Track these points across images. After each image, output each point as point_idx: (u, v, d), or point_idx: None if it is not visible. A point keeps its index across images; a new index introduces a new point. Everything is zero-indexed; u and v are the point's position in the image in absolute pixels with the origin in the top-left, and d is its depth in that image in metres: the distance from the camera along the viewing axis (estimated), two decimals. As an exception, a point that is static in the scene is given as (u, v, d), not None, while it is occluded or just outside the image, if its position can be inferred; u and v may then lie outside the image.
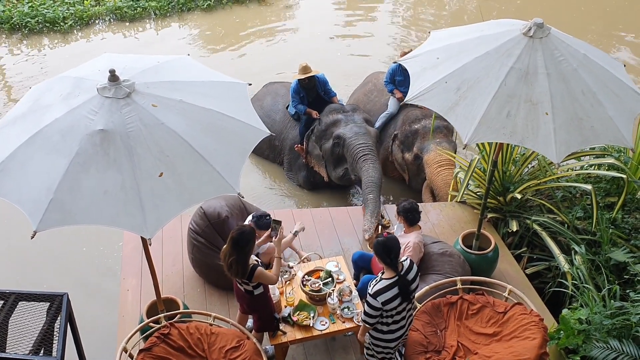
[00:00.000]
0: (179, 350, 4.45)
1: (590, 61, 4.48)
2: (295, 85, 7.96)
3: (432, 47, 4.90)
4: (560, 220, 6.17)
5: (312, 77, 7.88)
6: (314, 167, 8.21)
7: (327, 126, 7.81)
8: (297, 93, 8.00)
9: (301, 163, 8.41)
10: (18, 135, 3.72)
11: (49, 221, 3.46)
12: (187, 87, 4.09)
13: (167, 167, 3.66)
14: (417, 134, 7.75)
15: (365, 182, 7.14)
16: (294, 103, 8.09)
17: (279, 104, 8.77)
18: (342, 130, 7.64)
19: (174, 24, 13.11)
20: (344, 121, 7.73)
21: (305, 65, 7.79)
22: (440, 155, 7.45)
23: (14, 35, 12.47)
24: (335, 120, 7.78)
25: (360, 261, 5.68)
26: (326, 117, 7.85)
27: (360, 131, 7.59)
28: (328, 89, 8.14)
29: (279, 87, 9.12)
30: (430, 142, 7.59)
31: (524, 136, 4.26)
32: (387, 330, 4.20)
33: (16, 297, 4.64)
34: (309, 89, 8.00)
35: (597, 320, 4.90)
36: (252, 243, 4.37)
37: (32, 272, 6.95)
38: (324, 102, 8.09)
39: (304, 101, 8.05)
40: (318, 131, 7.93)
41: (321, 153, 7.96)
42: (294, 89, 7.99)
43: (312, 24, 13.22)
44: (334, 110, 7.88)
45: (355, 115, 7.82)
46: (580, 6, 13.58)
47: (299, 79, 7.87)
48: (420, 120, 7.79)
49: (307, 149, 8.18)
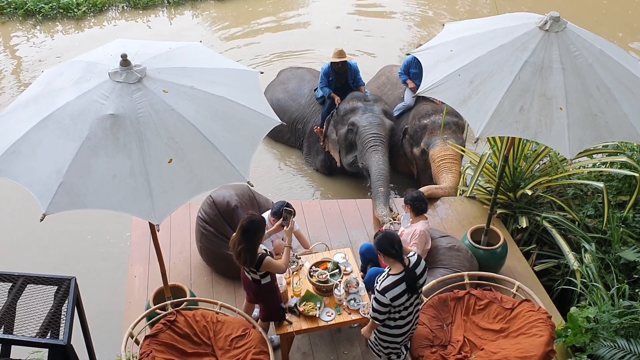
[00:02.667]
0: (184, 337, 4.46)
1: (606, 57, 4.42)
2: (327, 67, 8.01)
3: (446, 39, 4.85)
4: (571, 218, 6.12)
5: (344, 63, 7.91)
6: (329, 151, 8.26)
7: (345, 112, 7.86)
8: (327, 76, 8.05)
9: (320, 147, 8.46)
10: (29, 119, 3.72)
11: (58, 204, 3.46)
12: (198, 74, 4.08)
13: (176, 153, 3.65)
14: (425, 129, 7.71)
15: (375, 174, 7.14)
16: (321, 85, 8.15)
17: (304, 88, 8.85)
18: (358, 118, 7.68)
19: (187, 12, 13.12)
20: (362, 109, 7.76)
21: (340, 50, 7.83)
22: (445, 151, 7.41)
23: (28, 21, 12.51)
24: (354, 107, 7.82)
25: (367, 253, 5.66)
26: (346, 104, 7.90)
27: (374, 121, 7.62)
28: (358, 77, 8.19)
29: (304, 72, 9.22)
30: (437, 138, 7.56)
31: (537, 131, 4.22)
32: (394, 325, 4.18)
33: (24, 279, 4.65)
34: (340, 74, 8.04)
35: (605, 319, 4.87)
36: (262, 232, 4.37)
37: (41, 257, 6.99)
38: (350, 90, 8.12)
39: (331, 85, 8.10)
40: (337, 116, 7.99)
41: (337, 138, 7.99)
42: (324, 71, 8.04)
43: (325, 13, 13.17)
44: (355, 98, 7.92)
45: (375, 105, 7.85)
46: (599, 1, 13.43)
47: (331, 62, 7.91)
48: (430, 116, 7.75)
49: (325, 133, 8.24)
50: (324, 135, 8.27)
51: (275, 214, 5.27)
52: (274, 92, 9.09)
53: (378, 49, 11.77)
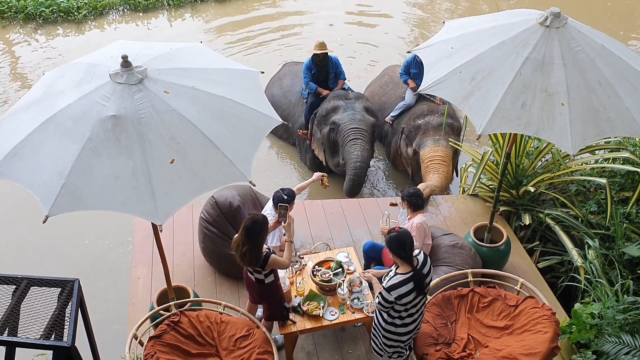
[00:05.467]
0: (188, 338, 4.46)
1: (607, 52, 4.41)
2: (308, 61, 8.04)
3: (447, 36, 4.84)
4: (574, 214, 6.11)
5: (325, 55, 7.92)
6: (315, 150, 8.26)
7: (327, 112, 7.87)
8: (309, 69, 8.06)
9: (308, 145, 8.47)
10: (31, 121, 3.72)
11: (61, 206, 3.46)
12: (199, 74, 4.08)
13: (178, 153, 3.65)
14: (419, 129, 7.70)
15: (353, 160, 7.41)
16: (305, 80, 8.14)
17: (296, 85, 8.84)
18: (339, 117, 7.70)
19: (187, 15, 13.13)
20: (342, 108, 7.78)
21: (322, 42, 7.87)
22: (435, 152, 7.39)
23: (29, 25, 12.53)
24: (335, 106, 7.83)
25: (371, 252, 5.66)
26: (327, 103, 7.90)
27: (355, 117, 7.63)
28: (340, 70, 8.21)
29: (299, 69, 9.16)
30: (429, 139, 7.53)
31: (539, 127, 4.21)
32: (401, 324, 4.18)
33: (28, 282, 4.65)
34: (321, 67, 8.05)
35: (609, 315, 4.86)
36: (265, 231, 4.37)
37: (44, 259, 7.00)
38: (332, 83, 8.14)
39: (314, 79, 8.10)
40: (319, 116, 7.99)
41: (321, 138, 8.00)
42: (306, 65, 8.06)
43: (325, 12, 13.18)
44: (336, 97, 7.93)
45: (356, 103, 7.85)
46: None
47: (313, 55, 7.93)
48: (425, 116, 7.73)
49: (311, 132, 8.24)
50: (309, 135, 8.27)
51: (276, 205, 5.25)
52: (272, 87, 9.12)
53: (378, 46, 11.77)
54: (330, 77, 8.17)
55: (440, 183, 7.22)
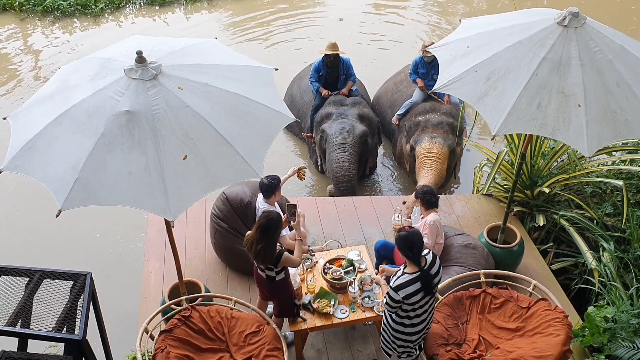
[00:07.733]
0: (199, 333, 4.48)
1: (626, 53, 4.34)
2: (318, 62, 7.94)
3: (463, 35, 4.80)
4: (589, 216, 6.04)
5: (337, 57, 7.82)
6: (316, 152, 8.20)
7: (321, 118, 7.82)
8: (317, 71, 7.98)
9: (313, 146, 8.42)
10: (46, 115, 3.75)
11: (74, 200, 3.49)
12: (213, 71, 4.08)
13: (191, 150, 3.66)
14: (418, 126, 7.62)
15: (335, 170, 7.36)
16: (311, 79, 8.07)
17: None
18: (328, 126, 7.63)
19: (204, 10, 13.14)
20: (334, 116, 7.69)
21: (333, 43, 7.75)
22: (430, 149, 7.30)
23: (47, 18, 12.62)
24: (328, 113, 7.76)
25: (382, 250, 5.63)
26: (323, 109, 7.84)
27: (344, 128, 7.53)
28: (350, 73, 8.08)
29: None
30: (425, 135, 7.45)
31: (554, 128, 4.16)
32: (410, 323, 4.16)
33: (41, 274, 4.69)
34: (332, 69, 7.94)
35: (623, 319, 4.80)
36: (280, 229, 4.40)
37: (57, 252, 7.05)
38: (342, 85, 8.04)
39: (321, 80, 8.01)
40: (316, 121, 7.94)
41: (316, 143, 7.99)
42: (315, 66, 7.97)
43: (342, 9, 13.12)
44: (331, 103, 7.84)
45: (351, 110, 7.73)
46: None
47: (324, 56, 7.84)
48: (425, 114, 7.66)
49: (313, 135, 8.18)
50: (312, 137, 8.20)
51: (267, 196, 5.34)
52: (292, 87, 9.07)
53: (395, 43, 11.71)
54: (341, 79, 8.06)
55: (432, 180, 7.10)
